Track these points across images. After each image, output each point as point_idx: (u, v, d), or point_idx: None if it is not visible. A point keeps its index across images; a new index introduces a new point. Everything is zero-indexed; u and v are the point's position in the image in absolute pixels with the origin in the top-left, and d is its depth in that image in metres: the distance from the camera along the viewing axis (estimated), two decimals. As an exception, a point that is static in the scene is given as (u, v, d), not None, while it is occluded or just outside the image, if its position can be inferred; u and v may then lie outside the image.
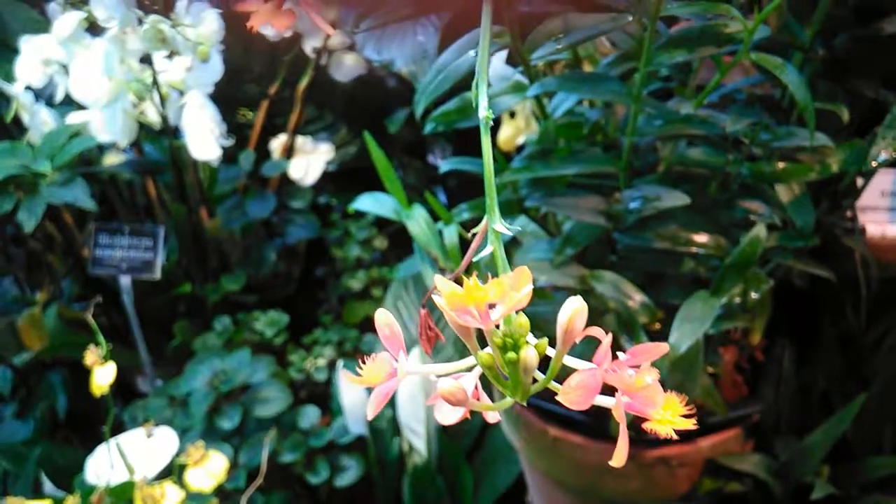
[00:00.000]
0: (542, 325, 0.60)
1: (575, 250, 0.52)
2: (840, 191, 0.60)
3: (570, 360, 0.18)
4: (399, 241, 1.26)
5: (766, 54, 0.44)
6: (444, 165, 0.57)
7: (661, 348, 0.17)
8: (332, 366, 1.12)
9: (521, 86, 0.51)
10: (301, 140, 1.20)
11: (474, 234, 0.20)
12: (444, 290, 0.16)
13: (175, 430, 0.97)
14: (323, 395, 1.11)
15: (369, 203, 0.57)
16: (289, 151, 1.20)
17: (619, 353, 0.17)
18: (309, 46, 1.12)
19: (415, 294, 1.09)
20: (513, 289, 0.16)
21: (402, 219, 0.54)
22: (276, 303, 1.21)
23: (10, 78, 1.00)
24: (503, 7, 0.44)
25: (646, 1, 0.43)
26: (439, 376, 0.19)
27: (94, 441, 1.03)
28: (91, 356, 0.70)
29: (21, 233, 1.10)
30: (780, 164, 0.51)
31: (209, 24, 0.93)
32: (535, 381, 0.18)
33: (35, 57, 1.01)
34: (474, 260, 0.21)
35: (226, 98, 1.05)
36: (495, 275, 0.18)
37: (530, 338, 0.18)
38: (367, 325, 1.19)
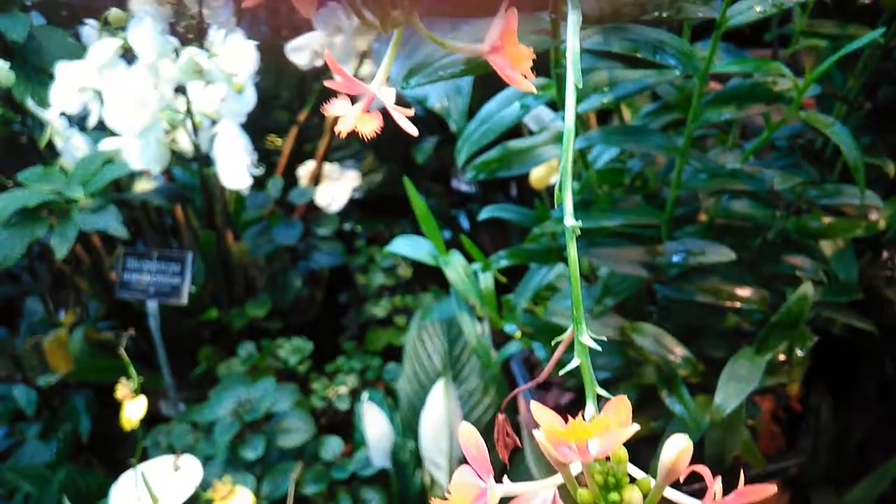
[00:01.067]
0: (572, 375, 0.59)
1: (615, 301, 0.52)
2: (882, 242, 0.59)
3: (669, 493, 0.18)
4: (423, 269, 1.25)
5: (816, 112, 0.43)
6: (484, 213, 0.56)
7: (769, 489, 0.16)
8: (354, 394, 1.12)
9: (561, 136, 0.51)
10: (328, 167, 1.21)
11: (560, 348, 0.19)
12: (544, 425, 0.16)
13: (198, 457, 0.97)
14: (344, 423, 1.11)
15: (405, 247, 0.57)
16: (316, 178, 1.21)
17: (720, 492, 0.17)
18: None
19: (439, 325, 1.09)
20: (616, 425, 0.16)
21: (439, 264, 0.54)
22: (299, 327, 1.21)
23: (44, 103, 1.01)
24: (556, 55, 0.44)
25: (694, 58, 0.42)
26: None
27: (116, 464, 1.03)
28: (122, 389, 0.71)
29: (47, 251, 1.11)
30: (826, 220, 0.50)
31: (245, 57, 0.94)
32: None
33: (70, 83, 1.02)
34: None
35: (255, 124, 1.06)
36: (581, 386, 0.17)
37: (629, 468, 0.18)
38: (390, 353, 1.19)
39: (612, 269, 0.50)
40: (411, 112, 0.18)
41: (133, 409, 0.70)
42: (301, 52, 1.14)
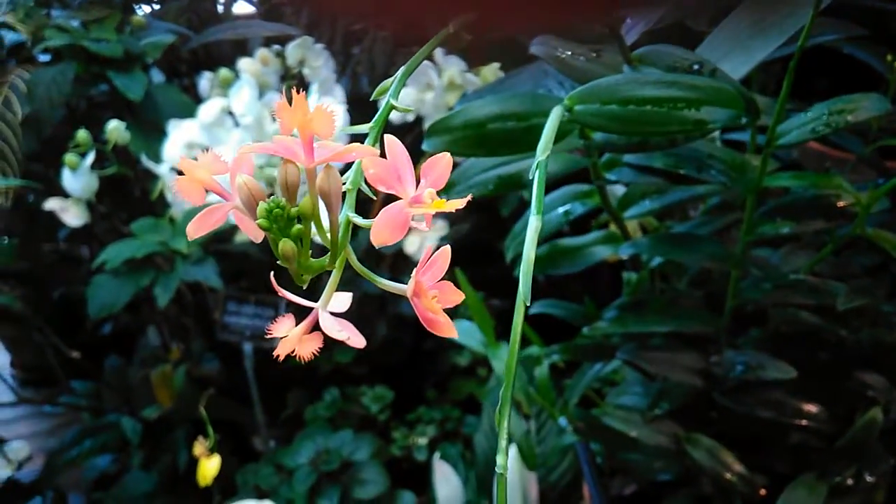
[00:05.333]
0: (631, 470, 0.57)
1: (670, 406, 0.49)
2: None
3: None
4: (509, 319, 1.25)
5: (884, 231, 0.40)
6: (533, 308, 0.56)
7: None
8: (433, 444, 1.13)
9: (614, 236, 0.50)
10: (417, 217, 1.23)
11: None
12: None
13: (280, 500, 1.01)
14: (423, 472, 1.12)
15: (457, 332, 0.57)
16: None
17: None
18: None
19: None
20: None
21: (488, 355, 0.54)
22: (384, 372, 1.24)
23: (158, 158, 1.10)
24: (595, 170, 0.44)
25: (747, 171, 0.40)
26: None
27: (208, 498, 1.09)
28: (199, 448, 0.75)
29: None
30: (906, 334, 0.46)
31: (336, 117, 0.98)
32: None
33: (180, 140, 1.09)
34: None
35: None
36: None
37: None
38: (472, 404, 1.19)
39: (666, 375, 0.48)
40: (346, 336, 0.19)
41: (209, 467, 0.74)
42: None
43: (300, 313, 0.24)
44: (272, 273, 0.21)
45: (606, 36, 0.38)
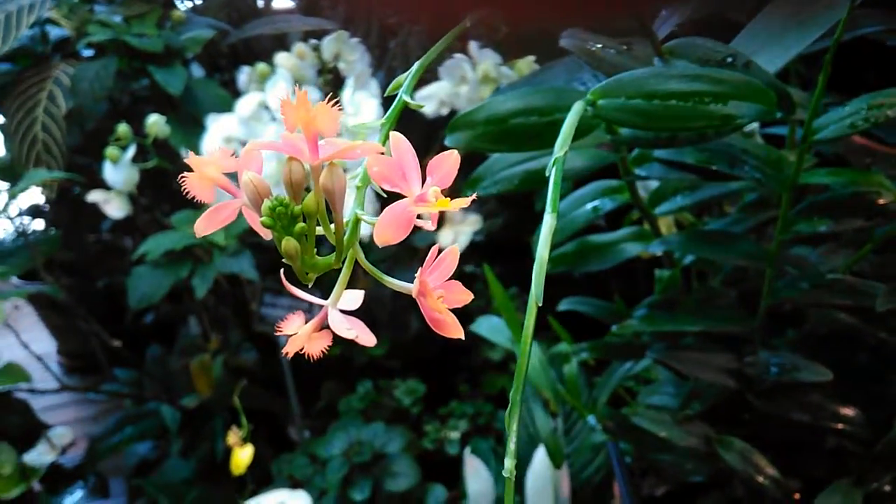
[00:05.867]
0: (663, 471, 0.56)
1: (702, 407, 0.48)
2: None
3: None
4: (541, 314, 1.24)
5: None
6: (563, 305, 0.55)
7: None
8: (465, 438, 1.13)
9: (645, 233, 0.49)
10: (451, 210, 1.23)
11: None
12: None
13: (313, 490, 1.02)
14: (454, 466, 1.12)
15: (486, 328, 0.57)
16: (439, 221, 1.23)
17: None
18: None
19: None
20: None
21: (516, 351, 0.53)
22: (417, 365, 1.24)
23: (197, 152, 1.11)
24: (623, 166, 0.43)
25: (784, 167, 0.39)
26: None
27: (244, 485, 1.11)
28: (232, 437, 0.76)
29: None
30: (951, 337, 0.44)
31: (368, 113, 0.99)
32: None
33: (219, 134, 1.11)
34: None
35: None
36: None
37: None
38: (503, 400, 1.18)
39: (697, 376, 0.47)
40: (355, 335, 0.19)
41: (242, 456, 0.75)
42: (428, 100, 1.18)
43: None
44: (281, 270, 0.21)
45: (637, 28, 0.37)
